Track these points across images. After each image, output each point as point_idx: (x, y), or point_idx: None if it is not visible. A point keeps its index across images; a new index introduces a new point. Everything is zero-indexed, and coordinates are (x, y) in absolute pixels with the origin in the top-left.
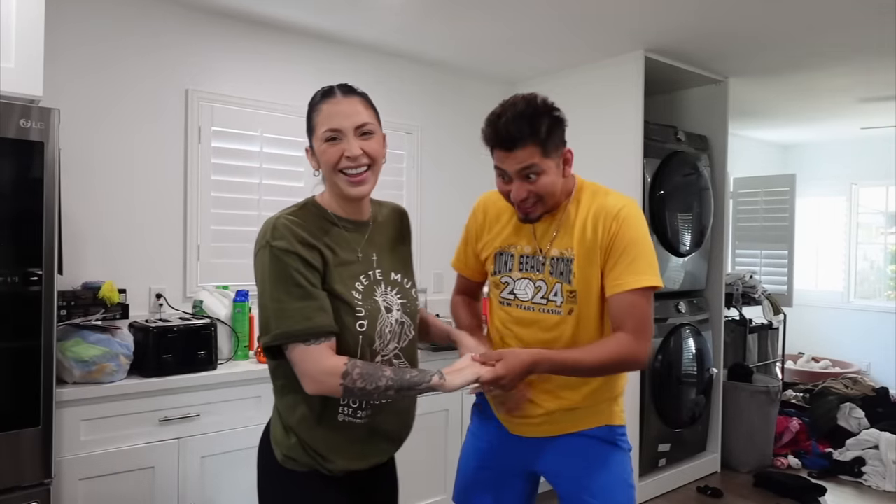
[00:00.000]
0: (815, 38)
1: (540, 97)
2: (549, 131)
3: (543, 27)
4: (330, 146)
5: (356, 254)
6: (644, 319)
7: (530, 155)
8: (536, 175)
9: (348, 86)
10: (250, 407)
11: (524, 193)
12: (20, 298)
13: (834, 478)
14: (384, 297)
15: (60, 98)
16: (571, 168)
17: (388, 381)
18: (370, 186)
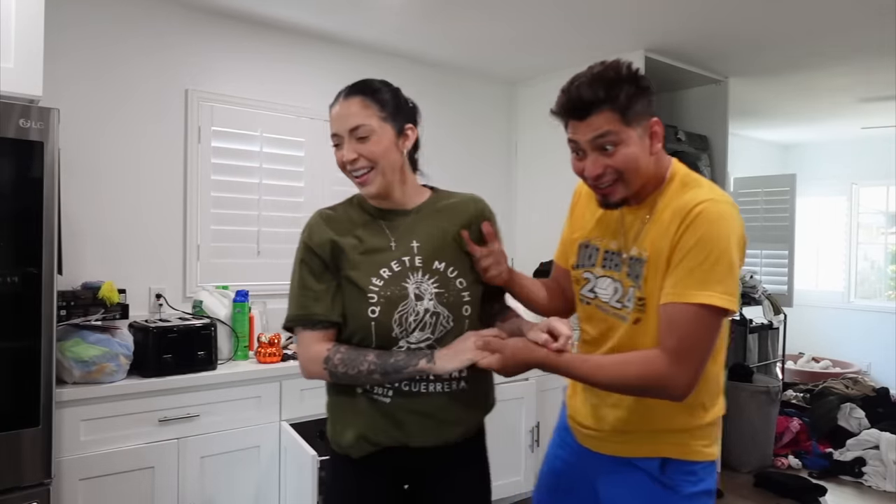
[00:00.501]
0: (816, 38)
1: (624, 62)
2: (630, 97)
3: (543, 27)
4: (336, 150)
5: (389, 242)
6: (689, 341)
7: (606, 121)
8: (614, 146)
9: (354, 85)
10: (250, 407)
11: (599, 169)
12: (20, 298)
13: (834, 478)
14: (417, 285)
15: (60, 98)
16: (661, 144)
17: (370, 366)
18: (377, 185)
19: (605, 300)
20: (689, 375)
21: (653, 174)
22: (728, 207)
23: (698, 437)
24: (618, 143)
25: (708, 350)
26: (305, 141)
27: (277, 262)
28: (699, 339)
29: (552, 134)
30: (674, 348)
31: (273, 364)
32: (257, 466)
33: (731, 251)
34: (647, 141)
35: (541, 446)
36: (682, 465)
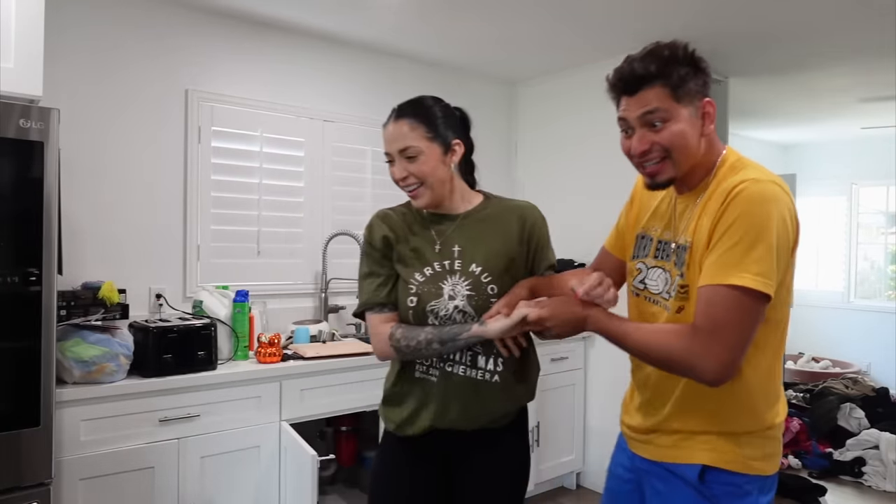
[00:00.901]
0: (816, 38)
1: (681, 42)
2: (683, 75)
3: (543, 27)
4: (389, 166)
5: (435, 245)
6: (719, 321)
7: (656, 97)
8: (663, 122)
9: (403, 106)
10: (250, 407)
11: (646, 145)
12: (20, 298)
13: (834, 478)
14: (453, 287)
15: (60, 98)
16: (713, 125)
17: (427, 335)
18: (427, 198)
19: (656, 291)
20: (717, 357)
21: (703, 158)
22: (772, 187)
23: (745, 444)
24: (667, 119)
25: (742, 334)
26: (305, 141)
27: (277, 262)
28: (730, 320)
29: (552, 134)
30: (703, 326)
31: (273, 364)
32: (257, 466)
33: (770, 232)
34: (699, 121)
35: (541, 446)
36: (723, 476)
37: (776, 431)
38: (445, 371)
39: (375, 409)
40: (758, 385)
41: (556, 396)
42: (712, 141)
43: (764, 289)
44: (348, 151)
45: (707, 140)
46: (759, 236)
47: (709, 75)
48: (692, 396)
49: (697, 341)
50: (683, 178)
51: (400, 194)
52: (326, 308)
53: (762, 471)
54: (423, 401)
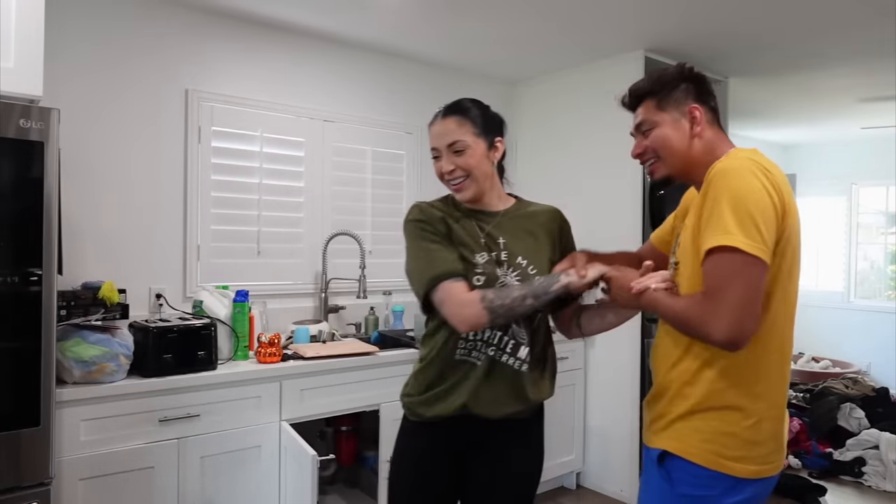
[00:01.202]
0: (816, 38)
1: (682, 64)
2: (672, 87)
3: (543, 27)
4: (435, 161)
5: (479, 238)
6: (719, 281)
7: (644, 110)
8: (650, 129)
9: (451, 105)
10: (250, 407)
11: (639, 149)
12: (20, 298)
13: (834, 478)
14: (504, 276)
15: (60, 98)
16: (699, 125)
17: (520, 291)
18: (472, 191)
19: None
20: (723, 318)
21: (703, 157)
22: (741, 162)
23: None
24: (652, 126)
25: (740, 293)
26: (305, 141)
27: (277, 262)
28: (724, 281)
29: (552, 134)
30: (706, 289)
31: (273, 364)
32: (257, 466)
33: (746, 201)
34: (687, 124)
35: None
36: (680, 463)
37: (753, 434)
38: (489, 355)
39: (376, 409)
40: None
41: (557, 396)
42: (712, 142)
43: (745, 247)
44: (348, 151)
45: (703, 141)
46: (736, 205)
47: (703, 85)
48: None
49: (704, 306)
50: (690, 176)
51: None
52: (326, 308)
53: (732, 470)
54: (460, 381)
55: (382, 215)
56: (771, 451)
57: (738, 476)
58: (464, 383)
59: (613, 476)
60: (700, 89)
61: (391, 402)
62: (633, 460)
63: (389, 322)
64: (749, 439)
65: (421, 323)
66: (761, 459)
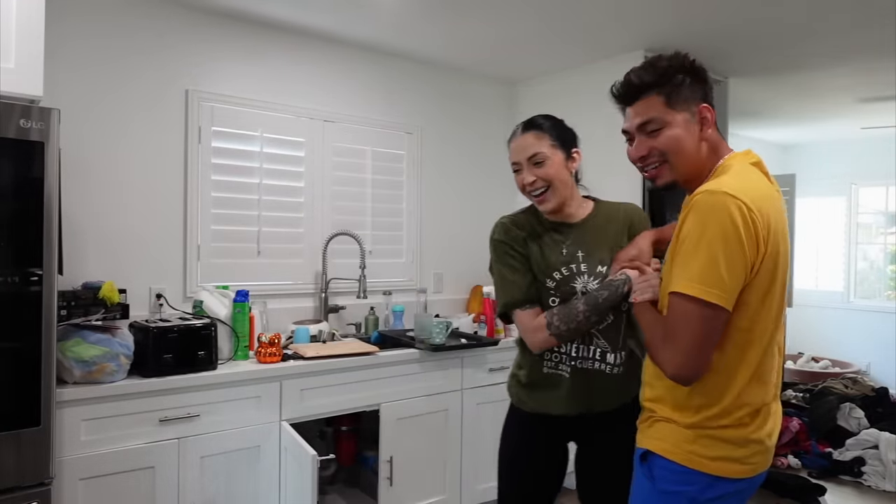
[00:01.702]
0: (816, 38)
1: (683, 54)
2: (679, 83)
3: (543, 27)
4: (516, 175)
5: (561, 250)
6: (674, 324)
7: (651, 106)
8: (659, 129)
9: (528, 121)
10: (250, 407)
11: (644, 150)
12: (20, 298)
13: (834, 478)
14: (584, 285)
15: (61, 98)
16: (711, 129)
17: (583, 308)
18: (554, 202)
19: None
20: (671, 360)
21: (704, 162)
22: (721, 198)
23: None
24: (662, 126)
25: (691, 339)
26: (305, 141)
27: (277, 262)
28: (677, 326)
29: None
30: (662, 332)
31: (273, 364)
32: (257, 466)
33: (713, 243)
34: (697, 126)
35: None
36: (661, 461)
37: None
38: (576, 367)
39: (376, 409)
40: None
41: None
42: (715, 146)
43: (704, 296)
44: (348, 151)
45: (709, 145)
46: (701, 246)
47: (707, 82)
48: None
49: (659, 348)
50: (688, 181)
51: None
52: (326, 308)
53: (708, 468)
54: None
55: (382, 215)
56: (754, 453)
57: (716, 475)
58: (555, 394)
59: None
60: (705, 86)
61: (391, 402)
62: None
63: (389, 322)
64: (727, 440)
65: (422, 323)
66: (741, 461)
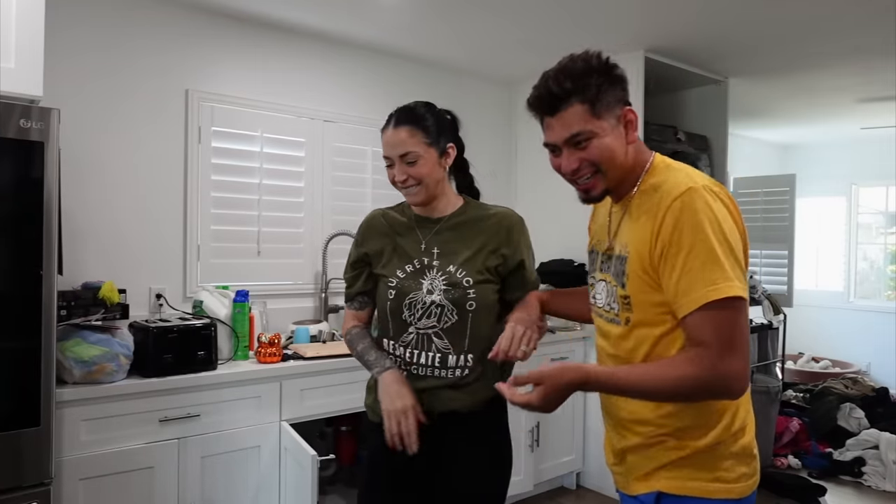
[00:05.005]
0: (816, 38)
1: (594, 52)
2: (600, 87)
3: (544, 27)
4: (388, 168)
5: (420, 244)
6: (730, 332)
7: (576, 116)
8: (587, 140)
9: (404, 114)
10: (250, 407)
11: (575, 163)
12: (20, 298)
13: (834, 478)
14: (431, 282)
15: (60, 98)
16: (637, 132)
17: (356, 351)
18: (422, 197)
19: (601, 305)
20: (742, 370)
21: (632, 165)
22: (704, 195)
23: (696, 465)
24: (591, 136)
25: (748, 341)
26: (305, 141)
27: (277, 262)
28: (739, 332)
29: None
30: (716, 340)
31: (273, 364)
32: (257, 466)
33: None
34: (622, 131)
35: (540, 446)
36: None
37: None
38: (410, 373)
39: None
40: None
41: None
42: (639, 149)
43: (741, 293)
44: (348, 151)
45: (634, 147)
46: (715, 243)
47: (625, 81)
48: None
49: (719, 358)
50: (616, 188)
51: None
52: (326, 308)
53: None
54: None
55: None
56: (757, 458)
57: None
58: None
59: None
60: (624, 86)
61: None
62: None
63: None
64: (745, 452)
65: None
66: (753, 470)
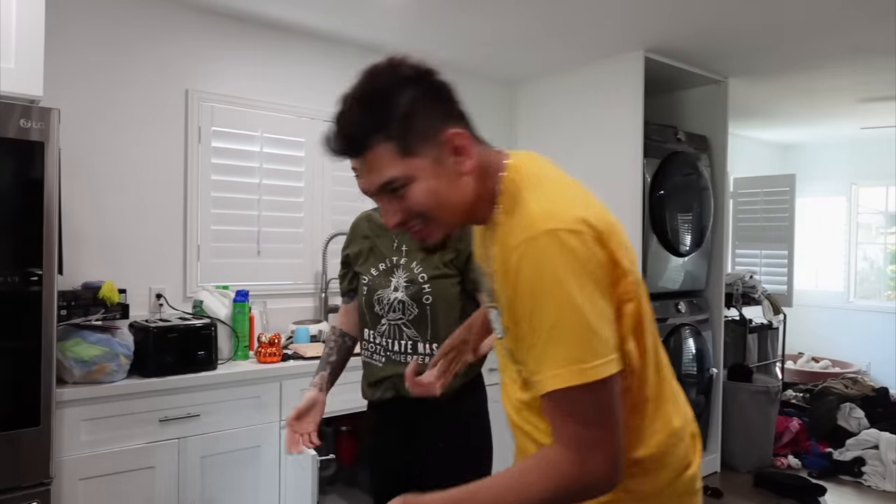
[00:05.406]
0: (816, 38)
1: (399, 59)
2: (408, 114)
3: (543, 27)
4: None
5: (393, 243)
6: (582, 425)
7: (383, 160)
8: (403, 186)
9: None
10: (250, 407)
11: (397, 216)
12: (20, 298)
13: (834, 478)
14: (397, 279)
15: (60, 98)
16: (469, 156)
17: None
18: None
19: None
20: (606, 461)
21: (476, 197)
22: (546, 243)
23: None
24: (406, 183)
25: (612, 424)
26: (305, 141)
27: (278, 262)
28: (593, 419)
29: (552, 134)
30: (568, 441)
31: (273, 364)
32: (257, 466)
33: (576, 305)
34: (450, 160)
35: None
36: None
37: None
38: (389, 359)
39: None
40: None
41: None
42: (484, 168)
43: (606, 372)
44: None
45: (476, 173)
46: (562, 319)
47: (447, 91)
48: None
49: (578, 457)
50: (468, 221)
51: None
52: (326, 308)
53: None
54: (365, 380)
55: None
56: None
57: None
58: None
59: None
60: (446, 98)
61: None
62: None
63: None
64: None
65: None
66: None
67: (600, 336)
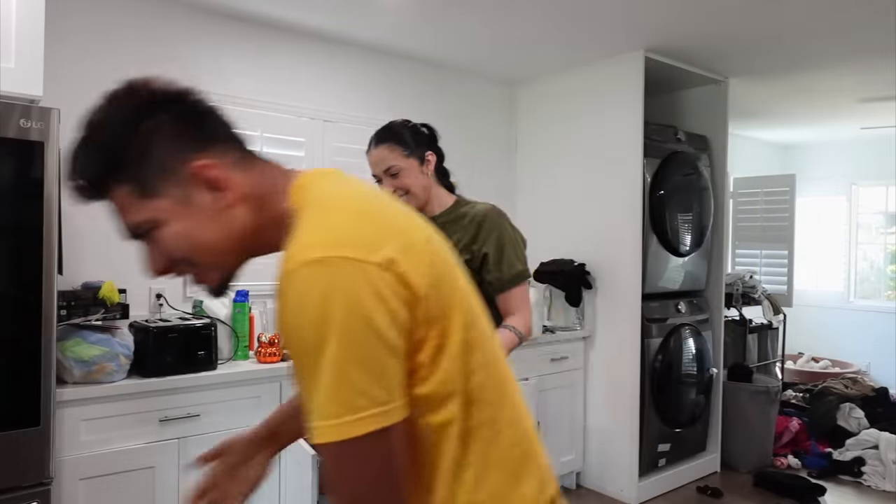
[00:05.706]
0: (816, 38)
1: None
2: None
3: (543, 27)
4: (379, 185)
5: None
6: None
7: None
8: (148, 231)
9: (379, 134)
10: (250, 407)
11: (158, 263)
12: (20, 298)
13: (834, 478)
14: None
15: (60, 98)
16: (226, 188)
17: None
18: (415, 204)
19: None
20: None
21: (256, 225)
22: (303, 277)
23: None
24: (152, 227)
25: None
26: (305, 141)
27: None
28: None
29: (552, 134)
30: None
31: (273, 364)
32: None
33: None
34: (205, 196)
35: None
36: None
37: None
38: None
39: None
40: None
41: (556, 396)
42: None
43: (364, 428)
44: (348, 151)
45: (246, 205)
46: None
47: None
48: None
49: None
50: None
51: None
52: None
53: None
54: None
55: None
56: None
57: None
58: None
59: (613, 476)
60: (195, 122)
61: None
62: (633, 460)
63: None
64: None
65: None
66: None
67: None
